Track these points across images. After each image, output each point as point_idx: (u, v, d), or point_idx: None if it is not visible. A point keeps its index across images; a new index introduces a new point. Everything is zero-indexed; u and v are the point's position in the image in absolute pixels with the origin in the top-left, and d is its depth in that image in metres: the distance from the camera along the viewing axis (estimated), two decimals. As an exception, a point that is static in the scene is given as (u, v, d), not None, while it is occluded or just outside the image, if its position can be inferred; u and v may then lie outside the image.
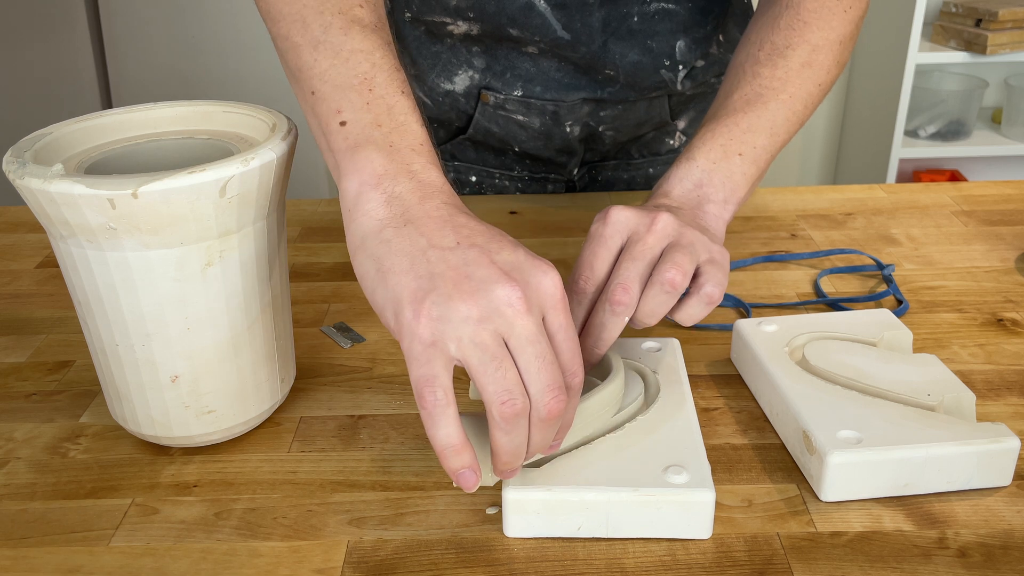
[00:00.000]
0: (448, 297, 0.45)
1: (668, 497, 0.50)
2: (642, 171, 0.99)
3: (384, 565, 0.50)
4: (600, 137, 0.94)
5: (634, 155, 0.98)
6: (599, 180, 1.00)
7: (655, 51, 0.88)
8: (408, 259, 0.47)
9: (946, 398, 0.57)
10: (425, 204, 0.49)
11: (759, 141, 0.65)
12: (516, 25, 0.85)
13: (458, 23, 0.86)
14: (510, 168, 0.97)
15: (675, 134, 0.97)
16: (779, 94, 0.66)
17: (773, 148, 0.66)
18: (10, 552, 0.51)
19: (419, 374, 0.46)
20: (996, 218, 0.91)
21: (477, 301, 0.45)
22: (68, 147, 0.57)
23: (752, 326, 0.66)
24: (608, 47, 0.87)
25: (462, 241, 0.48)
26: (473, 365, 0.45)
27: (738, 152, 0.64)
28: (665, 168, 0.97)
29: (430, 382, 0.45)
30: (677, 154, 0.96)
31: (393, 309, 0.47)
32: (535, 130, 0.92)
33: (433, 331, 0.45)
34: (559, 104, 0.90)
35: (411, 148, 0.51)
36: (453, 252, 0.47)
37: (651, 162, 0.99)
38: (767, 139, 0.65)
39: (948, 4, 2.32)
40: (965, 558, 0.50)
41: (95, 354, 0.57)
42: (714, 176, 0.63)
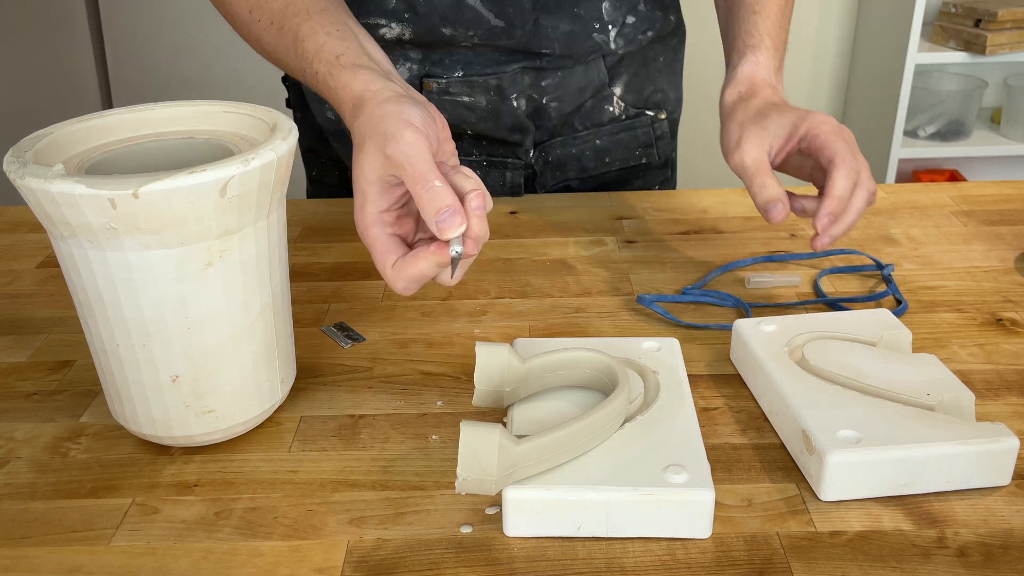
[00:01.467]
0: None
1: (668, 497, 0.50)
2: (589, 143, 1.01)
3: (384, 565, 0.50)
4: (546, 110, 0.96)
5: (578, 127, 1.00)
6: (551, 160, 1.01)
7: (583, 17, 0.92)
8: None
9: (945, 398, 0.57)
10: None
11: (781, 44, 0.81)
12: (448, 23, 0.88)
13: (392, 26, 0.88)
14: (467, 153, 0.99)
15: (613, 100, 0.99)
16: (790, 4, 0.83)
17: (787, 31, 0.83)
18: (10, 552, 0.51)
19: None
20: (995, 218, 0.91)
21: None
22: (68, 147, 0.57)
23: (752, 326, 0.66)
24: (540, 24, 0.90)
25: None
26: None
27: (781, 50, 0.81)
28: (611, 139, 1.02)
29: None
30: (619, 122, 1.01)
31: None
32: (483, 109, 0.94)
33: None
34: (501, 76, 0.92)
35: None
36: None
37: (595, 134, 1.01)
38: (786, 33, 0.82)
39: (947, 4, 2.32)
40: (964, 558, 0.50)
41: (95, 354, 0.57)
42: (773, 62, 0.79)
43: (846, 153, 0.69)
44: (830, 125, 0.71)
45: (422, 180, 0.55)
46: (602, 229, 0.90)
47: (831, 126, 0.70)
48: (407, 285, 0.58)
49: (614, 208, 0.95)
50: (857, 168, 0.69)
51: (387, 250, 0.58)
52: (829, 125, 0.70)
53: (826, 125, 0.70)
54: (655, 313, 0.75)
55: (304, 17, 0.67)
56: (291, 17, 0.67)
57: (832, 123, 0.71)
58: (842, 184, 0.68)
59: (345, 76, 0.62)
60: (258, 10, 0.70)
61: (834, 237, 0.69)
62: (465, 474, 0.49)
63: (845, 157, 0.69)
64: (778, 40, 0.79)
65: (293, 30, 0.67)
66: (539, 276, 0.81)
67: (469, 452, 0.49)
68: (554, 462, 0.52)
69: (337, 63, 0.63)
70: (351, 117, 0.61)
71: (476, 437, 0.49)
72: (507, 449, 0.49)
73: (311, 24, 0.66)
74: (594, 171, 1.02)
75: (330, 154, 1.04)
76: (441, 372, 0.67)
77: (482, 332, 0.73)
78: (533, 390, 0.59)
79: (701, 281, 0.79)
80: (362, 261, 0.85)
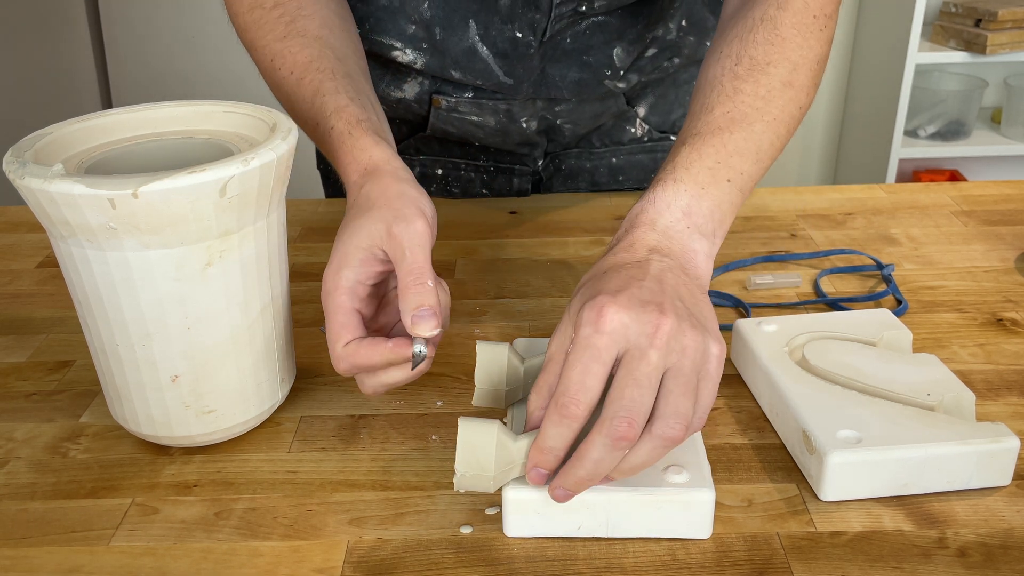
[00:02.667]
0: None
1: (668, 497, 0.50)
2: (605, 160, 0.99)
3: (384, 565, 0.50)
4: (559, 129, 0.95)
5: (596, 144, 0.98)
6: (563, 169, 1.00)
7: (593, 65, 0.89)
8: None
9: (946, 398, 0.57)
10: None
11: (746, 167, 0.59)
12: (459, 68, 0.87)
13: (406, 51, 0.87)
14: (475, 158, 0.98)
15: (636, 121, 0.97)
16: (763, 115, 0.61)
17: (756, 176, 0.61)
18: (10, 552, 0.51)
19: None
20: (996, 218, 0.91)
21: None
22: (68, 147, 0.57)
23: (752, 326, 0.66)
24: (547, 73, 0.88)
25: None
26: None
27: (727, 178, 0.58)
28: (629, 158, 0.97)
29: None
30: (640, 143, 0.97)
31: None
32: (491, 128, 0.93)
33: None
34: (511, 103, 0.91)
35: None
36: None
37: (614, 152, 0.98)
38: (753, 165, 0.60)
39: (948, 4, 2.32)
40: (965, 558, 0.50)
41: (95, 354, 0.57)
42: (703, 204, 0.57)
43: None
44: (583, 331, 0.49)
45: (417, 273, 0.54)
46: (602, 229, 0.90)
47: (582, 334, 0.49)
48: (350, 368, 0.55)
49: (614, 208, 0.95)
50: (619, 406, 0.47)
51: (345, 326, 0.55)
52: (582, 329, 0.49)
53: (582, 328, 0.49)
54: (655, 313, 0.75)
55: (328, 76, 0.65)
56: (315, 72, 0.66)
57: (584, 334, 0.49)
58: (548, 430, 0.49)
59: (366, 141, 0.61)
60: (280, 60, 0.69)
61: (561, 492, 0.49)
62: (463, 470, 0.49)
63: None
64: (704, 171, 0.58)
65: (314, 84, 0.65)
66: (539, 276, 0.81)
67: (467, 448, 0.49)
68: None
69: (359, 126, 0.62)
70: (359, 178, 0.60)
71: (474, 433, 0.49)
72: (505, 445, 0.49)
73: (335, 84, 0.65)
74: (605, 187, 1.00)
75: None
76: (441, 372, 0.67)
77: (482, 332, 0.73)
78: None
79: (701, 281, 0.79)
80: (362, 261, 0.84)
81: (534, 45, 0.86)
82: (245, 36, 0.73)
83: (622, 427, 0.46)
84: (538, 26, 0.85)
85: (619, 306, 0.49)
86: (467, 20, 0.85)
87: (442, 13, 0.85)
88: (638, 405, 0.47)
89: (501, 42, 0.85)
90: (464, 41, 0.86)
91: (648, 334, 0.48)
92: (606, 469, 0.48)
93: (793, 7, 0.63)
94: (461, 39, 0.86)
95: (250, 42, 0.72)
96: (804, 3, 0.63)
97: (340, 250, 0.57)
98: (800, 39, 0.63)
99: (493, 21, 0.84)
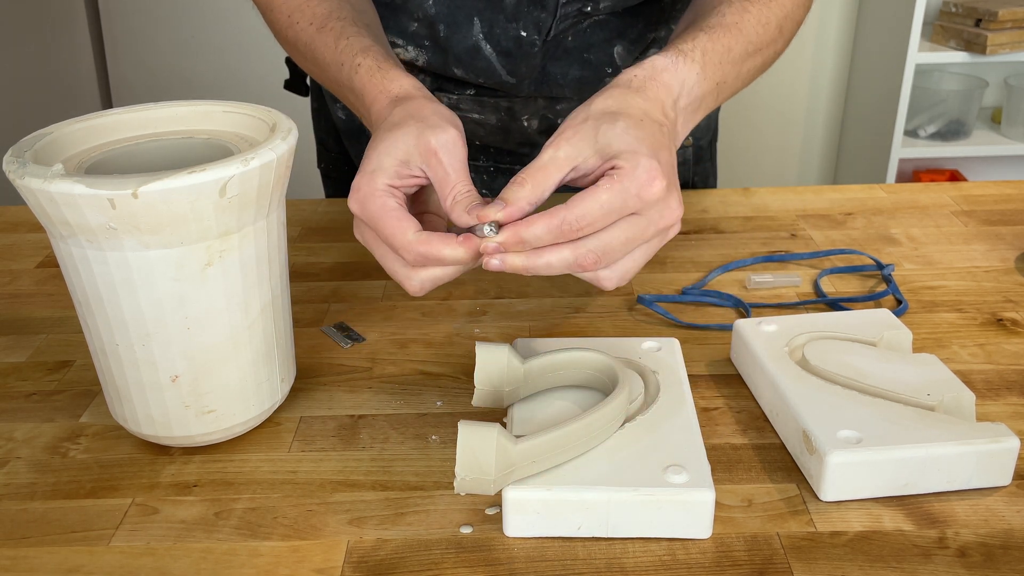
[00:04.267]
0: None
1: (668, 497, 0.50)
2: None
3: (384, 565, 0.50)
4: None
5: None
6: None
7: (594, 63, 0.89)
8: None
9: (946, 398, 0.57)
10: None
11: (729, 78, 0.64)
12: (462, 65, 0.87)
13: (408, 48, 0.88)
14: (474, 159, 0.98)
15: None
16: (760, 41, 0.66)
17: (731, 92, 0.66)
18: (10, 552, 0.51)
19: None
20: (996, 218, 0.91)
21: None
22: (68, 147, 0.57)
23: (752, 326, 0.66)
24: (548, 71, 0.89)
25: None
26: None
27: (717, 80, 0.62)
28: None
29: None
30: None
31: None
32: (492, 126, 0.93)
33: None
34: (513, 101, 0.91)
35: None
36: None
37: None
38: (734, 80, 0.65)
39: (948, 4, 2.32)
40: (965, 558, 0.50)
41: (95, 354, 0.57)
42: (698, 90, 0.61)
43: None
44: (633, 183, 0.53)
45: (453, 183, 0.55)
46: (602, 229, 0.90)
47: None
48: (417, 258, 0.54)
49: (614, 208, 0.95)
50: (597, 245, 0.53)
51: (403, 219, 0.54)
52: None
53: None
54: (655, 313, 0.75)
55: (350, 23, 0.68)
56: (335, 20, 0.68)
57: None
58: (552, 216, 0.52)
59: (395, 72, 0.62)
60: (298, 14, 0.71)
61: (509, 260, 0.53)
62: (464, 474, 0.49)
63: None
64: (715, 65, 0.62)
65: (337, 30, 0.67)
66: (539, 276, 0.81)
67: (467, 452, 0.49)
68: (553, 462, 0.52)
69: (387, 60, 0.64)
70: (388, 103, 0.60)
71: (474, 437, 0.49)
72: (505, 449, 0.49)
73: (357, 29, 0.67)
74: None
75: (340, 149, 1.04)
76: (441, 372, 0.67)
77: (482, 332, 0.73)
78: (533, 390, 0.59)
79: (701, 281, 0.79)
80: (362, 261, 0.85)
81: (538, 44, 0.86)
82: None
83: (588, 260, 0.53)
84: (543, 25, 0.85)
85: (666, 186, 0.53)
86: (471, 18, 0.85)
87: (446, 10, 0.85)
88: (610, 250, 0.53)
89: (505, 41, 0.85)
90: (468, 39, 0.86)
91: (668, 220, 0.54)
92: (556, 268, 0.53)
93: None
94: (465, 37, 0.86)
95: (266, 2, 0.74)
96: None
97: (372, 158, 0.56)
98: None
99: (498, 19, 0.85)
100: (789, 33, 0.70)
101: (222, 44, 2.45)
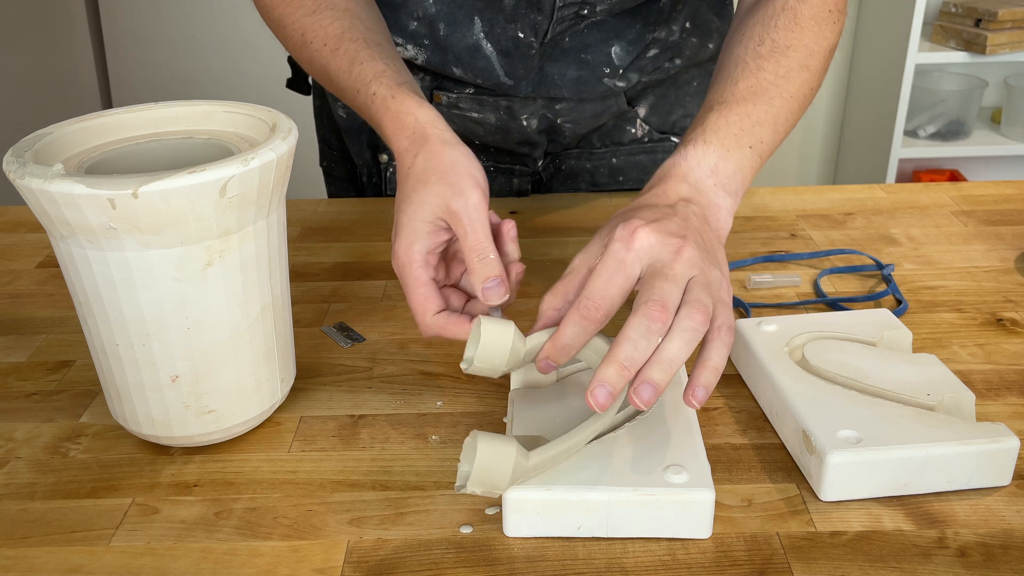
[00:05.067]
0: None
1: (668, 497, 0.50)
2: (605, 161, 0.99)
3: (384, 565, 0.50)
4: (560, 129, 0.95)
5: (596, 144, 0.98)
6: (563, 169, 1.00)
7: (591, 63, 0.89)
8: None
9: (946, 398, 0.57)
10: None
11: (765, 136, 0.65)
12: (461, 65, 0.87)
13: (407, 47, 0.88)
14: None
15: (636, 122, 0.97)
16: (782, 91, 0.66)
17: (774, 145, 0.66)
18: (10, 552, 0.51)
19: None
20: (996, 218, 0.91)
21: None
22: (68, 147, 0.57)
23: (752, 326, 0.66)
24: (545, 71, 0.89)
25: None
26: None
27: (749, 144, 0.63)
28: (629, 159, 0.98)
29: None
30: (640, 144, 0.98)
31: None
32: (492, 125, 0.93)
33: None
34: (512, 100, 0.91)
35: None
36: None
37: (614, 152, 0.99)
38: (771, 135, 0.65)
39: (948, 4, 2.32)
40: (965, 558, 0.50)
41: (95, 354, 0.57)
42: (728, 164, 0.62)
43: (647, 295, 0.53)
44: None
45: (479, 248, 0.57)
46: (602, 229, 0.90)
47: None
48: (434, 337, 0.59)
49: (614, 208, 0.95)
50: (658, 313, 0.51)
51: (428, 298, 0.58)
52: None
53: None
54: (655, 313, 0.75)
55: (362, 44, 0.68)
56: (348, 42, 0.68)
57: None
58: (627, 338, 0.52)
59: (409, 103, 0.63)
60: (312, 33, 0.70)
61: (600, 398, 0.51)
62: (474, 488, 0.48)
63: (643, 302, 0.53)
64: (731, 136, 0.63)
65: (350, 54, 0.67)
66: (539, 276, 0.81)
67: (483, 469, 0.48)
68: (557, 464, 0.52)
69: (400, 89, 0.63)
70: (409, 144, 0.61)
71: (492, 454, 0.48)
72: (520, 465, 0.49)
73: (370, 52, 0.67)
74: (606, 187, 1.01)
75: (342, 148, 1.04)
76: (441, 372, 0.67)
77: (482, 332, 0.73)
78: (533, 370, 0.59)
79: (701, 281, 0.79)
80: (362, 261, 0.85)
81: (535, 46, 0.86)
82: (273, 13, 0.74)
83: (656, 309, 0.51)
84: (539, 28, 0.85)
85: (651, 229, 0.55)
86: (472, 17, 0.85)
87: (447, 9, 0.85)
88: (668, 294, 0.52)
89: (504, 41, 0.86)
90: (468, 38, 0.86)
91: (672, 252, 0.54)
92: (644, 354, 0.51)
93: (812, 0, 0.69)
94: (465, 35, 0.86)
95: (278, 18, 0.73)
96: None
97: (407, 225, 0.59)
98: (817, 28, 0.69)
99: (497, 19, 0.85)
100: (819, 65, 0.69)
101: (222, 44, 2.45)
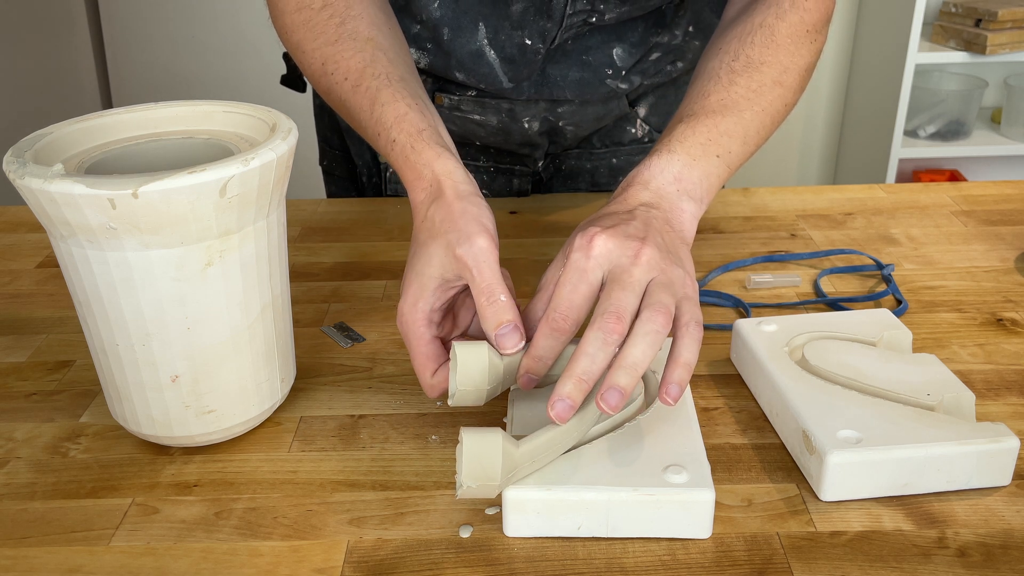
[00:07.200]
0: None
1: (668, 497, 0.50)
2: (605, 161, 0.99)
3: (384, 565, 0.50)
4: (561, 131, 0.95)
5: (596, 145, 0.99)
6: (563, 170, 1.00)
7: (593, 64, 0.89)
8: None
9: (946, 398, 0.57)
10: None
11: (734, 147, 0.65)
12: (463, 70, 0.87)
13: (410, 51, 0.87)
14: (473, 159, 0.98)
15: (636, 122, 0.97)
16: (753, 105, 0.67)
17: (743, 156, 0.66)
18: (10, 552, 0.51)
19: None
20: (996, 218, 0.91)
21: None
22: (68, 147, 0.57)
23: (752, 326, 0.66)
24: (547, 73, 0.89)
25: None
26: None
27: (716, 153, 0.64)
28: (629, 159, 0.98)
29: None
30: (641, 144, 0.98)
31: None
32: (493, 127, 0.93)
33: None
34: (514, 102, 0.91)
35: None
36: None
37: (614, 152, 0.99)
38: (740, 146, 0.66)
39: (948, 4, 2.32)
40: (965, 558, 0.50)
41: (95, 354, 0.57)
42: (693, 172, 0.62)
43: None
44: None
45: (488, 291, 0.55)
46: (602, 229, 0.90)
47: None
48: (440, 395, 0.59)
49: (614, 208, 0.95)
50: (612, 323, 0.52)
51: (430, 357, 0.58)
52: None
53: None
54: (655, 313, 0.75)
55: (384, 82, 0.65)
56: (369, 79, 0.65)
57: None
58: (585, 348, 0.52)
59: (428, 154, 0.61)
60: (332, 64, 0.68)
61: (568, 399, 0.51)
62: (469, 482, 0.48)
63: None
64: (697, 146, 0.63)
65: (371, 92, 0.65)
66: (539, 276, 0.81)
67: (473, 461, 0.48)
68: (551, 457, 0.52)
69: (420, 137, 0.62)
70: (425, 197, 0.60)
71: (479, 445, 0.48)
72: (510, 453, 0.49)
73: (391, 91, 0.64)
74: (606, 187, 1.01)
75: (342, 147, 1.04)
76: (441, 372, 0.67)
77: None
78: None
79: (701, 281, 0.79)
80: (362, 261, 0.85)
81: (541, 52, 0.86)
82: (291, 37, 0.71)
83: (611, 321, 0.52)
84: (548, 34, 0.85)
85: (608, 235, 0.55)
86: (477, 23, 0.85)
87: (451, 14, 0.85)
88: (624, 303, 0.53)
89: (509, 47, 0.85)
90: (472, 43, 0.86)
91: (631, 256, 0.55)
92: (600, 365, 0.52)
93: (790, 19, 0.69)
94: (469, 41, 0.86)
95: (296, 43, 0.71)
96: (800, 17, 0.70)
97: (414, 282, 0.58)
98: (793, 47, 0.69)
99: (503, 26, 0.85)
100: (794, 82, 0.70)
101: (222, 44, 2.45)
